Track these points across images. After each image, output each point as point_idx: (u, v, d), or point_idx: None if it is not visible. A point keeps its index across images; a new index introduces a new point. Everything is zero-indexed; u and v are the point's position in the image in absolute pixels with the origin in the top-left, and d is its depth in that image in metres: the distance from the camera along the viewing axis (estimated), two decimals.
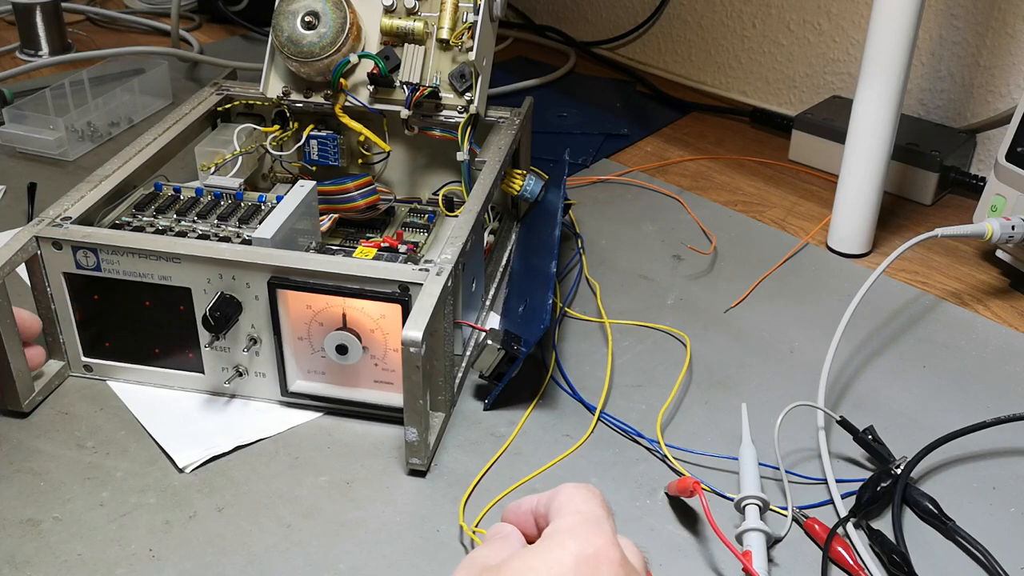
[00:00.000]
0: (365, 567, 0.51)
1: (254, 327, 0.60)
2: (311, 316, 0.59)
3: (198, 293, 0.59)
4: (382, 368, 0.60)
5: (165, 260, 0.59)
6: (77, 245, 0.59)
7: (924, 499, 0.55)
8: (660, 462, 0.59)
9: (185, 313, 0.60)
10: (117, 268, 0.59)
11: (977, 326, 0.74)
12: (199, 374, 0.62)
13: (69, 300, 0.61)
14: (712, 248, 0.83)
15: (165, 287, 0.59)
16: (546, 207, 0.76)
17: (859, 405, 0.64)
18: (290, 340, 0.60)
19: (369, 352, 0.59)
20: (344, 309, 0.58)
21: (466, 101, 0.72)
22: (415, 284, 0.56)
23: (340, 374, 0.61)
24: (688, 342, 0.69)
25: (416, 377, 0.53)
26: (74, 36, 1.29)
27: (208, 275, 0.58)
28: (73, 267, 0.60)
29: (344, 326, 0.59)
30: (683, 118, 1.10)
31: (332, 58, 0.70)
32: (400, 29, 0.72)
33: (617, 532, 0.38)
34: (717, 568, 0.52)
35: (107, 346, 0.63)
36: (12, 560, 0.51)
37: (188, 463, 0.57)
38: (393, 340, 0.59)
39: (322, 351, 0.60)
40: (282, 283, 0.58)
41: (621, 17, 1.26)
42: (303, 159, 0.76)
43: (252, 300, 0.59)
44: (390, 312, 0.58)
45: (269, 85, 0.75)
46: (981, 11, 0.92)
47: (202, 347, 0.61)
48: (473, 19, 0.71)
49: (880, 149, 0.78)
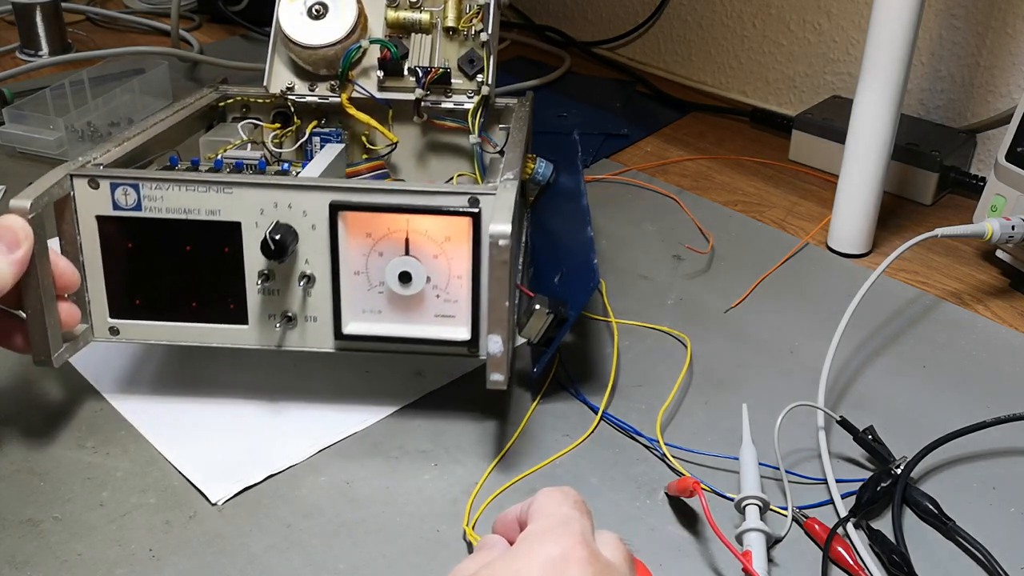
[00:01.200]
0: (365, 567, 0.51)
1: (308, 262, 0.57)
2: (370, 246, 0.56)
3: (248, 227, 0.56)
4: (444, 300, 0.57)
5: (215, 191, 0.55)
6: (117, 181, 0.55)
7: (924, 499, 0.55)
8: (660, 462, 0.59)
9: (230, 255, 0.56)
10: (160, 205, 0.56)
11: (977, 326, 0.74)
12: (242, 326, 0.58)
13: (99, 250, 0.57)
14: (710, 247, 0.83)
15: (211, 224, 0.56)
16: (562, 188, 0.76)
17: (859, 405, 0.64)
18: (347, 275, 0.57)
19: (431, 283, 0.57)
20: (408, 233, 0.56)
21: (477, 83, 0.72)
22: (487, 194, 0.54)
23: (398, 310, 0.57)
24: (688, 343, 0.69)
25: (503, 274, 0.51)
26: (74, 36, 1.29)
27: (262, 205, 0.55)
28: (109, 208, 0.56)
29: (407, 252, 0.56)
30: (683, 118, 1.10)
31: (343, 44, 0.71)
32: (406, 20, 0.73)
33: (595, 529, 0.39)
34: (717, 568, 0.52)
35: (137, 304, 0.58)
36: (12, 560, 0.51)
37: (220, 497, 0.55)
38: (457, 266, 0.56)
39: (380, 286, 0.57)
40: (345, 204, 0.55)
41: (621, 17, 1.26)
42: (305, 158, 0.76)
43: (309, 231, 0.56)
44: (456, 232, 0.55)
45: (273, 80, 0.74)
46: (981, 11, 0.92)
47: (248, 293, 0.57)
48: (484, 1, 0.72)
49: (880, 149, 0.78)
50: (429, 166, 0.78)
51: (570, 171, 0.75)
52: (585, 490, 0.57)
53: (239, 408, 0.62)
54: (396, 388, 0.64)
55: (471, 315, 0.57)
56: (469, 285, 0.56)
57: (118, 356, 0.66)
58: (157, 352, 0.67)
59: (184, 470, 0.57)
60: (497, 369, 0.54)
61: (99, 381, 0.64)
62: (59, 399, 0.63)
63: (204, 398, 0.63)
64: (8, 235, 0.51)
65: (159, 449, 0.59)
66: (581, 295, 0.60)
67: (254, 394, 0.63)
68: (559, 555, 0.36)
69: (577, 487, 0.56)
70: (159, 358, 0.66)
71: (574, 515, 0.39)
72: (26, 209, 0.53)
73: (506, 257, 0.51)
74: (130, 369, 0.65)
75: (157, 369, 0.66)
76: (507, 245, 0.51)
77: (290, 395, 0.63)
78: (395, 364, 0.66)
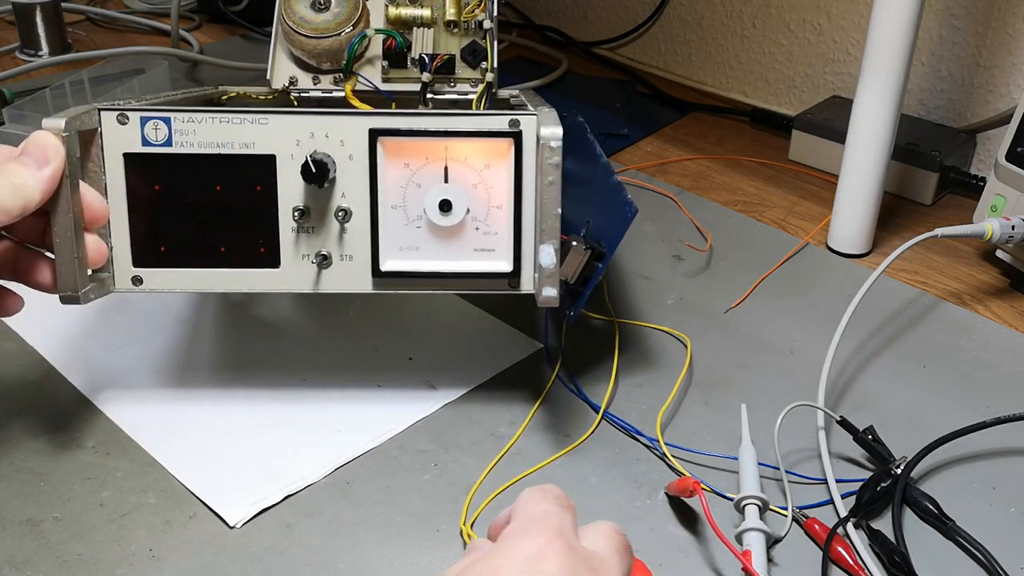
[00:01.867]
0: (365, 567, 0.51)
1: (344, 196, 0.56)
2: (408, 177, 0.55)
3: (284, 160, 0.55)
4: (483, 232, 0.56)
5: (251, 121, 0.54)
6: (148, 115, 0.54)
7: (924, 499, 0.55)
8: (660, 462, 0.59)
9: (263, 194, 0.55)
10: (192, 139, 0.54)
11: (977, 326, 0.74)
12: (274, 270, 0.57)
13: (125, 192, 0.55)
14: (708, 246, 0.83)
15: (245, 159, 0.55)
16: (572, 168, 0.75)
17: (859, 405, 0.64)
18: (385, 209, 0.56)
19: (471, 214, 0.56)
20: (447, 161, 0.55)
21: (481, 70, 0.73)
22: (528, 115, 0.54)
23: (437, 245, 0.57)
24: (689, 343, 0.69)
25: (556, 178, 0.51)
26: (74, 36, 1.28)
27: (298, 136, 0.55)
28: (138, 144, 0.54)
29: (446, 180, 0.56)
30: (683, 118, 1.10)
31: (348, 33, 0.71)
32: (407, 16, 0.73)
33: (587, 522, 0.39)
34: (717, 568, 0.52)
35: (162, 250, 0.56)
36: (12, 560, 0.51)
37: (238, 520, 0.54)
38: (497, 195, 0.55)
39: (418, 220, 0.56)
40: (385, 130, 0.54)
41: (621, 17, 1.25)
42: None
43: (346, 161, 0.55)
44: (497, 156, 0.55)
45: (276, 74, 0.74)
46: (981, 11, 0.92)
47: (281, 233, 0.56)
48: None
49: (880, 149, 0.78)
50: None
51: (581, 148, 0.74)
52: (585, 490, 0.57)
53: (250, 425, 0.61)
54: (409, 402, 0.63)
55: (513, 246, 0.56)
56: (510, 215, 0.55)
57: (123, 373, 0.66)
58: (163, 362, 0.67)
59: (198, 492, 0.56)
60: (549, 283, 0.53)
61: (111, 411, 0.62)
62: (59, 399, 0.63)
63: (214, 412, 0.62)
64: (38, 152, 0.49)
65: (175, 475, 0.57)
66: (619, 226, 0.59)
67: (265, 407, 0.62)
68: (535, 551, 0.36)
69: (577, 487, 0.56)
70: (163, 367, 0.67)
71: (552, 510, 0.39)
72: (60, 127, 0.50)
73: (558, 160, 0.52)
74: (134, 383, 0.65)
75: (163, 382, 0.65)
76: (559, 147, 0.51)
77: (303, 407, 0.62)
78: (407, 378, 0.65)
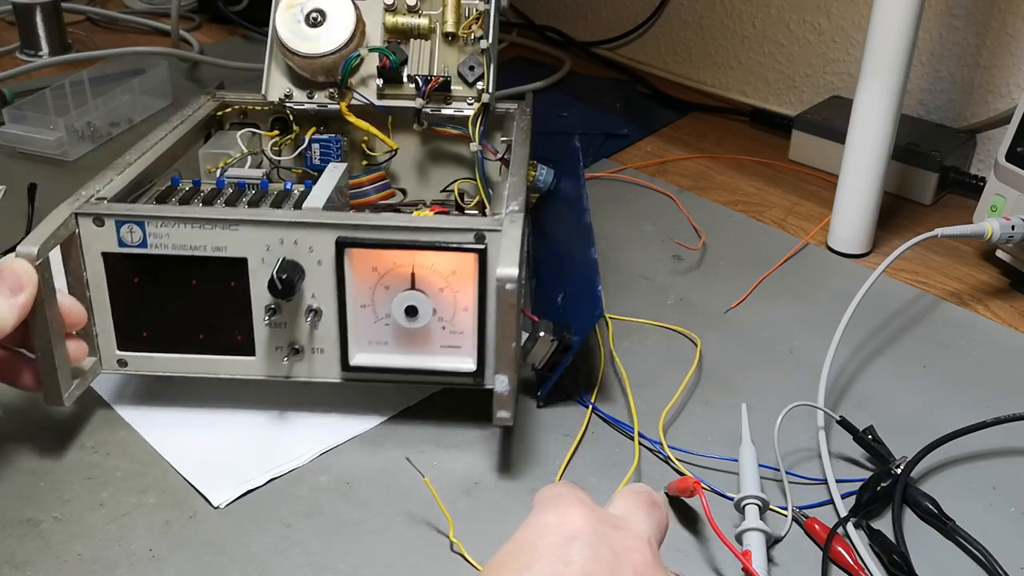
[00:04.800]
0: (365, 567, 0.51)
1: (315, 296, 0.57)
2: (376, 279, 0.56)
3: (255, 263, 0.56)
4: (450, 331, 0.58)
5: (222, 228, 0.55)
6: (122, 219, 0.55)
7: (924, 499, 0.55)
8: (660, 462, 0.59)
9: (237, 289, 0.57)
10: (166, 242, 0.56)
11: (977, 326, 0.74)
12: (250, 358, 0.59)
13: (106, 286, 0.57)
14: (701, 244, 0.83)
15: (217, 260, 0.56)
16: (563, 195, 0.76)
17: (859, 405, 0.64)
18: (353, 308, 0.57)
19: (437, 315, 0.57)
20: (413, 268, 0.56)
21: (477, 91, 0.72)
22: (492, 231, 0.55)
23: (405, 342, 0.58)
24: (699, 342, 0.69)
25: (511, 317, 0.51)
26: (74, 36, 1.29)
27: (268, 241, 0.55)
28: (115, 245, 0.56)
29: (413, 286, 0.56)
30: (683, 118, 1.10)
31: (341, 53, 0.70)
32: (405, 25, 0.72)
33: None
34: (717, 568, 0.52)
35: (144, 336, 0.58)
36: (12, 560, 0.51)
37: (222, 500, 0.55)
38: (463, 298, 0.57)
39: (386, 318, 0.57)
40: (351, 241, 0.55)
41: (621, 17, 1.26)
42: (304, 164, 0.76)
43: (315, 266, 0.56)
44: (462, 267, 0.56)
45: (271, 88, 0.74)
46: (981, 11, 0.92)
47: (255, 326, 0.58)
48: (483, 7, 0.71)
49: (880, 149, 0.78)
50: (429, 173, 0.78)
51: (572, 178, 0.75)
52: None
53: (240, 412, 0.62)
54: (398, 391, 0.63)
55: (477, 346, 0.57)
56: (475, 317, 0.57)
57: None
58: None
59: (184, 472, 0.57)
60: (504, 407, 0.55)
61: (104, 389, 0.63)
62: None
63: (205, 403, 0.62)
64: (11, 279, 0.51)
65: (160, 452, 0.58)
66: (586, 322, 0.61)
67: (256, 398, 0.63)
68: (556, 520, 0.37)
69: None
70: None
71: (566, 490, 0.40)
72: (33, 255, 0.52)
73: (513, 301, 0.52)
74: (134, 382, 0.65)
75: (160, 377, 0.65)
76: (514, 289, 0.51)
77: (292, 398, 0.63)
78: None
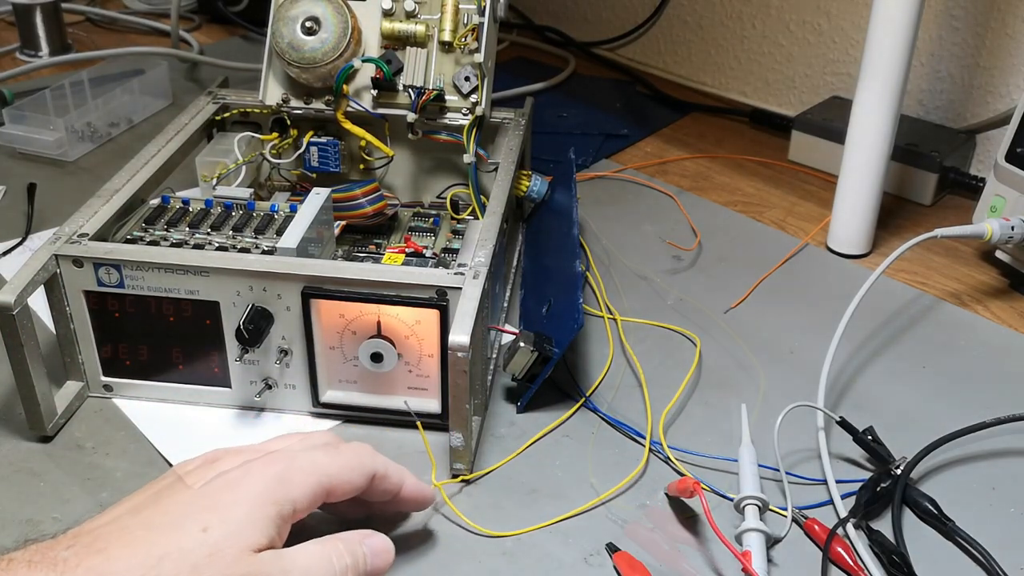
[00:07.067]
0: None
1: (285, 338, 0.59)
2: (344, 325, 0.58)
3: (227, 306, 0.58)
4: (416, 375, 0.59)
5: (193, 274, 0.57)
6: (99, 262, 0.57)
7: (924, 499, 0.55)
8: (660, 462, 0.59)
9: (212, 327, 0.59)
10: (141, 284, 0.58)
11: (977, 326, 0.74)
12: (226, 389, 0.61)
13: (89, 319, 0.59)
14: (695, 243, 0.83)
15: (191, 302, 0.58)
16: (555, 207, 0.76)
17: (859, 405, 0.64)
18: (322, 350, 0.59)
19: (403, 359, 0.59)
20: (379, 316, 0.57)
21: (471, 103, 0.72)
22: (453, 288, 0.56)
23: (373, 382, 0.60)
24: (699, 342, 0.69)
25: (463, 382, 0.53)
26: (74, 36, 1.29)
27: (238, 288, 0.57)
28: (94, 284, 0.58)
29: (379, 334, 0.58)
30: (683, 118, 1.10)
31: (335, 63, 0.70)
32: (401, 32, 0.72)
33: None
34: (717, 568, 0.52)
35: (127, 364, 0.61)
36: None
37: None
38: (428, 346, 0.58)
39: (355, 360, 0.59)
40: (316, 293, 0.57)
41: (621, 17, 1.26)
42: (303, 166, 0.76)
43: (283, 311, 0.58)
44: (426, 318, 0.57)
45: (268, 92, 0.74)
46: (981, 12, 0.92)
47: (230, 361, 0.60)
48: (478, 20, 0.71)
49: (880, 149, 0.78)
50: (424, 180, 0.78)
51: (565, 190, 0.75)
52: (585, 490, 0.57)
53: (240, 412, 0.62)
54: None
55: (442, 390, 0.59)
56: (439, 363, 0.58)
57: None
58: None
59: (169, 455, 0.58)
60: (460, 460, 0.57)
61: None
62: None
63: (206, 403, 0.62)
64: None
65: (160, 452, 0.58)
66: (565, 335, 0.61)
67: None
68: None
69: (577, 487, 0.57)
70: None
71: None
72: (10, 305, 0.54)
73: (464, 367, 0.53)
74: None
75: None
76: (465, 356, 0.52)
77: None
78: None
